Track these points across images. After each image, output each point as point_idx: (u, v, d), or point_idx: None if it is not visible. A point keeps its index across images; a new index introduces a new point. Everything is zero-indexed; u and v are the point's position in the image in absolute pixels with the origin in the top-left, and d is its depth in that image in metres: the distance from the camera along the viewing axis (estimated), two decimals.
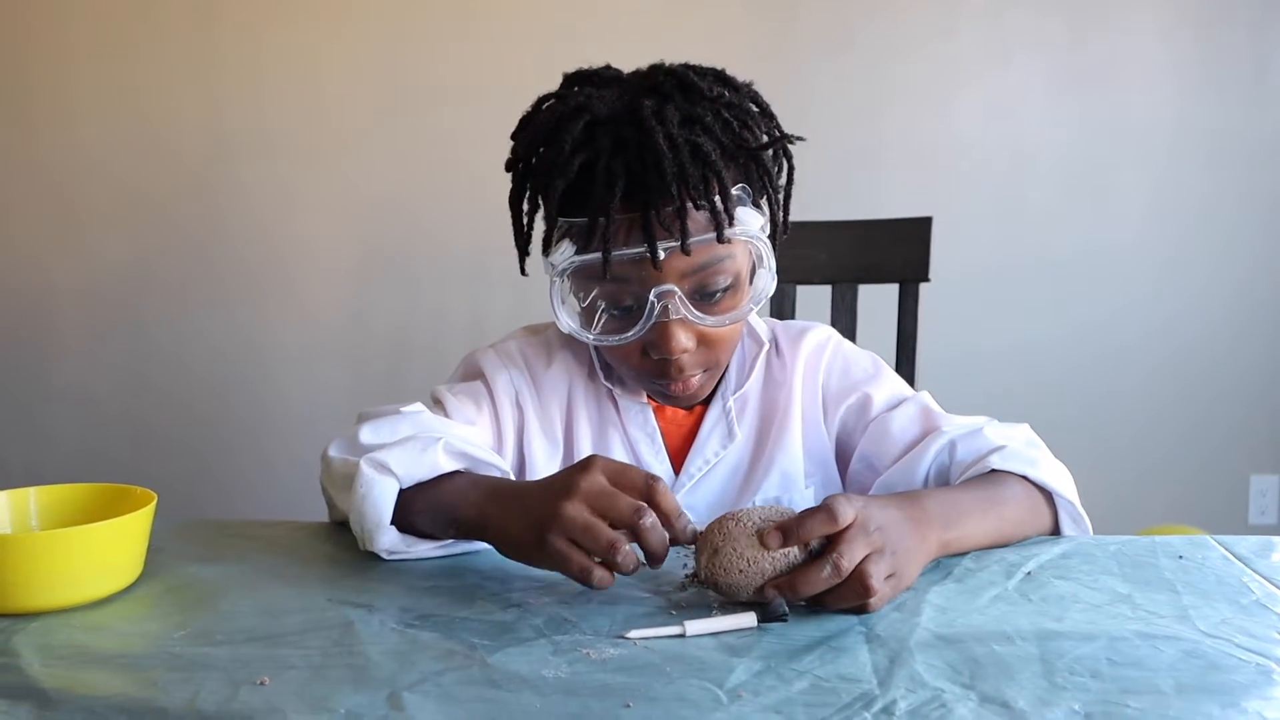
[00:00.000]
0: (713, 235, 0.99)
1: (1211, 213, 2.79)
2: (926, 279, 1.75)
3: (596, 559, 0.80)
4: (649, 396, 1.15)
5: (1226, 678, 0.69)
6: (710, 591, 0.82)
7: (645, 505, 0.80)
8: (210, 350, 2.91)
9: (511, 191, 1.08)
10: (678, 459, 1.15)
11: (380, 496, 0.91)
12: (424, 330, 2.86)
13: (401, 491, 0.92)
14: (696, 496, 1.14)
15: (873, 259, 1.77)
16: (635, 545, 0.81)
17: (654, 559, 0.81)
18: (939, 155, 2.79)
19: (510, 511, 0.87)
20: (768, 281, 1.06)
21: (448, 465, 0.94)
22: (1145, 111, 2.76)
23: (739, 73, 1.08)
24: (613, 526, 0.80)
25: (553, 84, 1.08)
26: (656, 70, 1.05)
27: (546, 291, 1.05)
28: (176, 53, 2.84)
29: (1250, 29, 2.73)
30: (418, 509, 0.93)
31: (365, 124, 2.84)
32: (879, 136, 2.79)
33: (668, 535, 0.81)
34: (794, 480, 1.15)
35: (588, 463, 0.83)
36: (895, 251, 1.76)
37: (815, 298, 1.78)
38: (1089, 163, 2.78)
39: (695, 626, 0.76)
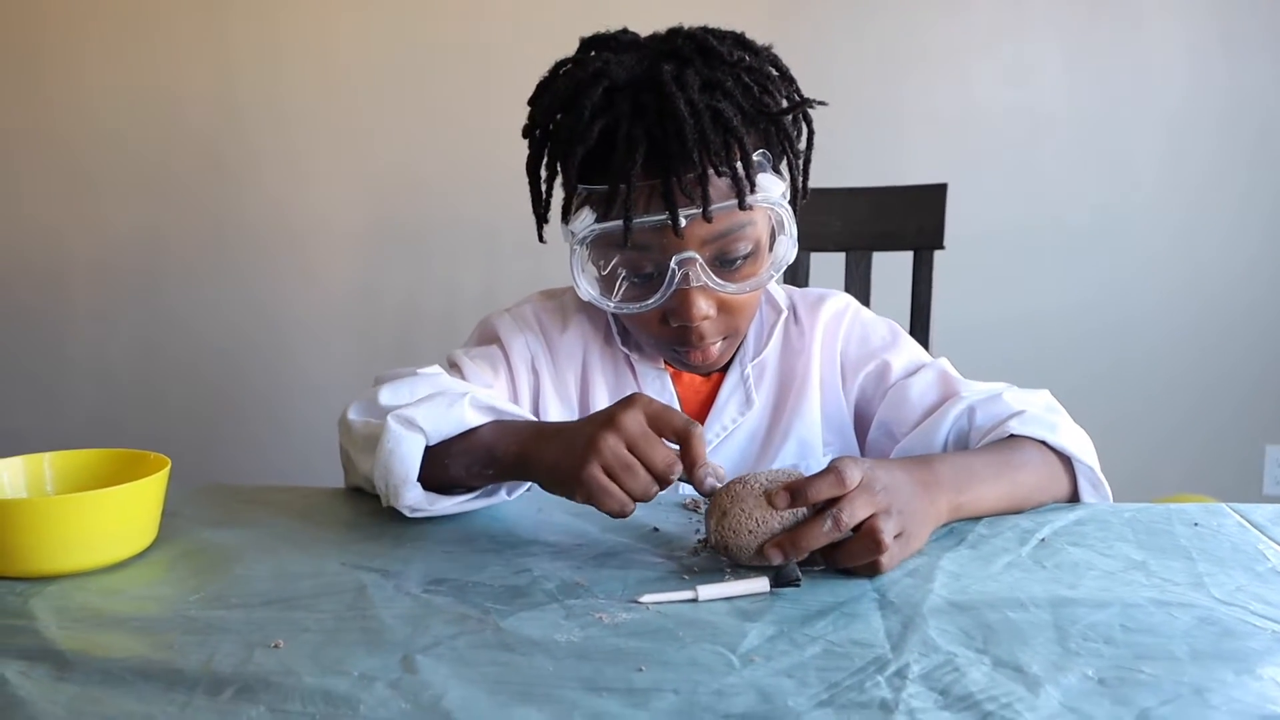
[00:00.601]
0: (734, 202, 0.98)
1: (1226, 181, 2.75)
2: (941, 246, 1.73)
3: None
4: (666, 362, 1.15)
5: (1241, 644, 0.68)
6: (722, 555, 0.83)
7: (677, 460, 0.82)
8: (223, 318, 2.92)
9: (529, 159, 1.07)
10: None
11: (408, 452, 0.91)
12: (436, 299, 2.85)
13: (427, 447, 0.92)
14: None
15: (887, 226, 1.76)
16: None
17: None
18: (955, 122, 2.76)
19: (551, 445, 0.88)
20: (788, 248, 1.05)
21: (475, 420, 0.93)
22: (1162, 79, 2.72)
23: (756, 39, 1.06)
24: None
25: (568, 50, 1.07)
26: (675, 34, 1.04)
27: (559, 260, 1.04)
28: (189, 23, 2.82)
29: None
30: (450, 454, 0.92)
31: (377, 93, 2.82)
32: (895, 104, 2.75)
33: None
34: (812, 447, 1.14)
35: (631, 399, 0.84)
36: (910, 219, 1.75)
37: (829, 265, 1.77)
38: (1105, 130, 2.75)
39: (708, 591, 0.76)
